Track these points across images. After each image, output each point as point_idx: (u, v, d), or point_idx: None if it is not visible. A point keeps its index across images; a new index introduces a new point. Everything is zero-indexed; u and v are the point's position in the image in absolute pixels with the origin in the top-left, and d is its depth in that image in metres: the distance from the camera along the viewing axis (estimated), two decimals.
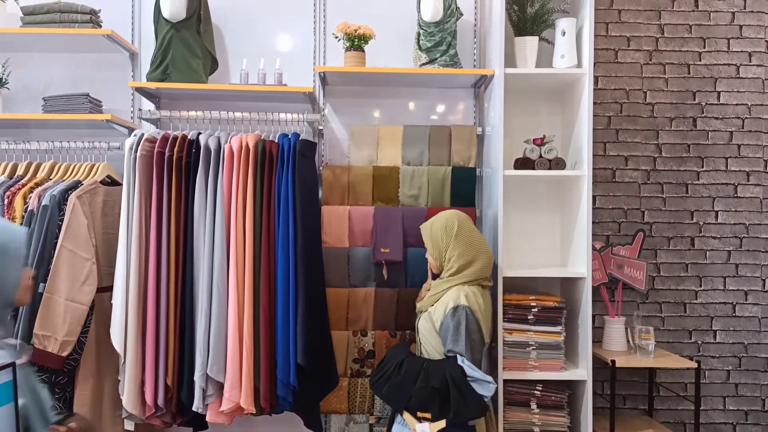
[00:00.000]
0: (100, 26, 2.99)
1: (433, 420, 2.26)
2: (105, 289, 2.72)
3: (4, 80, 3.00)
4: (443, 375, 2.28)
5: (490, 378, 2.29)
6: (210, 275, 2.67)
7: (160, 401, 2.65)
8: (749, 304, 3.42)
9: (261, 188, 2.75)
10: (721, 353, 3.42)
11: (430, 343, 2.47)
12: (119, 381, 2.68)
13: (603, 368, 3.00)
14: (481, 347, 2.40)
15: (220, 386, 2.66)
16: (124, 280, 2.64)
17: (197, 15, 2.97)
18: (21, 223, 2.66)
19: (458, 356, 2.33)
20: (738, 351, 3.42)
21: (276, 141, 2.82)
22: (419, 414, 2.28)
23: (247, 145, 2.75)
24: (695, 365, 2.93)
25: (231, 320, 2.65)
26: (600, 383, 3.26)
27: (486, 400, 2.31)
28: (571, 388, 2.90)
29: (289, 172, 2.75)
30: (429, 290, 2.59)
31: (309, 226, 2.76)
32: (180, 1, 2.87)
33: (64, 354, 2.56)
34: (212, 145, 2.75)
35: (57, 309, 2.55)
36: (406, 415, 2.32)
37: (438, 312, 2.43)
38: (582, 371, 2.83)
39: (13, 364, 1.65)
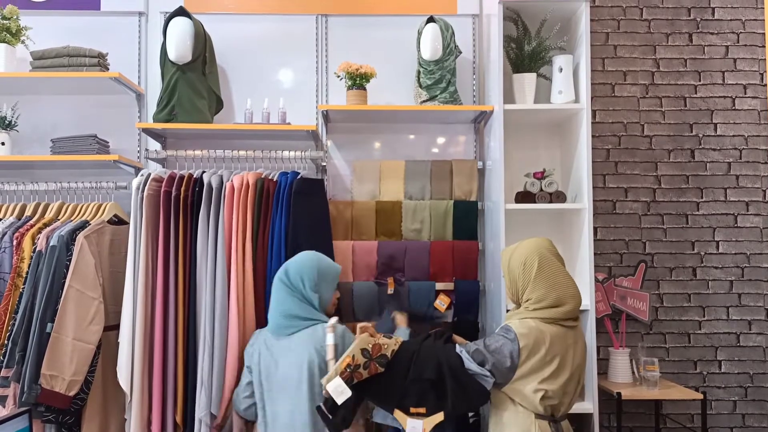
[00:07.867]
0: (108, 69, 3.06)
1: (428, 415, 2.05)
2: (112, 327, 2.73)
3: (13, 123, 3.05)
4: (437, 364, 2.07)
5: (488, 373, 2.06)
6: (212, 313, 2.67)
7: None
8: (753, 333, 3.42)
9: (257, 225, 2.78)
10: (726, 383, 3.41)
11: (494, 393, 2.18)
12: (125, 420, 2.68)
13: (609, 400, 2.99)
14: (502, 377, 2.09)
15: None
16: (131, 319, 2.65)
17: (203, 57, 3.04)
18: (29, 264, 2.69)
19: (457, 346, 2.13)
20: (744, 381, 3.41)
21: (275, 179, 2.86)
22: (412, 410, 2.07)
23: (247, 182, 2.79)
24: (701, 396, 2.93)
25: (231, 358, 2.63)
26: (606, 415, 3.24)
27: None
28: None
29: (283, 210, 2.78)
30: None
31: None
32: (186, 45, 2.94)
33: (72, 393, 2.57)
34: (214, 183, 2.79)
35: (64, 348, 2.56)
36: (397, 414, 2.09)
37: None
38: (588, 404, 2.82)
39: (28, 411, 1.66)
